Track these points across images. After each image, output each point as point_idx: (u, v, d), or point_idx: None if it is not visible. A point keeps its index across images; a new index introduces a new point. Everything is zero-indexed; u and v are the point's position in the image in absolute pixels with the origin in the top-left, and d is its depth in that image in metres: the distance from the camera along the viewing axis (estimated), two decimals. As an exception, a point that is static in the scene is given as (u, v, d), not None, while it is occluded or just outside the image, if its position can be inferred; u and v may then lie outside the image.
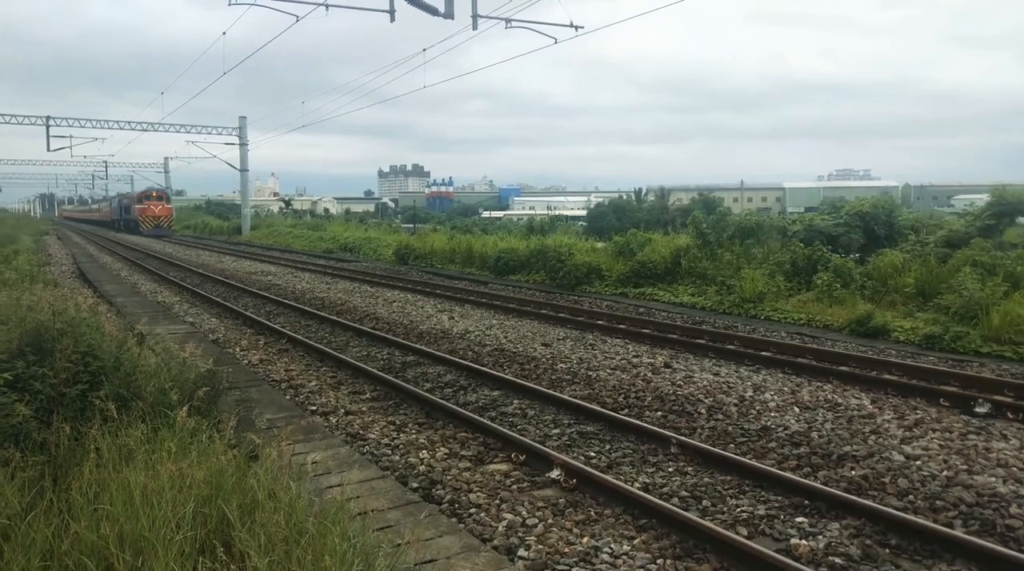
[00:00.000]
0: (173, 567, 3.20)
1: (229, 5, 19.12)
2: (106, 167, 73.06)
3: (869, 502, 5.66)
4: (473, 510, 5.67)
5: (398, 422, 7.96)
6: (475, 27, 18.85)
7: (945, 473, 6.35)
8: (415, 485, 6.12)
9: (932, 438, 7.27)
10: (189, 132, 52.17)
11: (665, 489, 6.10)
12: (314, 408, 8.41)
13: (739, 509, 5.69)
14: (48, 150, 48.48)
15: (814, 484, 6.01)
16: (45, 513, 3.66)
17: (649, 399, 8.77)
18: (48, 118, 47.10)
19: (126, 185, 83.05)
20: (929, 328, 12.12)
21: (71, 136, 49.53)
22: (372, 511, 4.40)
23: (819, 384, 9.42)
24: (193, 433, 4.80)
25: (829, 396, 8.80)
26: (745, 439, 7.38)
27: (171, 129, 51.99)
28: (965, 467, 6.49)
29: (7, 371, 4.71)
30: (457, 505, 5.77)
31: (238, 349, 11.91)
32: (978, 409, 8.10)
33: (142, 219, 58.22)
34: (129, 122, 50.94)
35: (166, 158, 76.94)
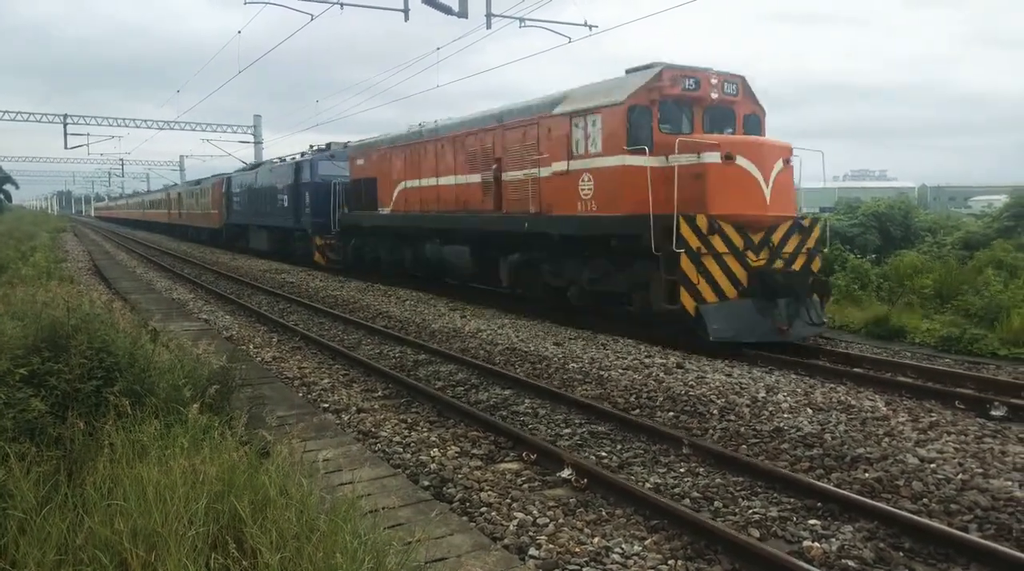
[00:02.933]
0: (186, 563, 3.22)
1: (244, 4, 19.25)
2: (122, 165, 73.65)
3: (883, 505, 5.61)
4: (484, 509, 5.66)
5: (409, 420, 7.97)
6: (489, 26, 18.89)
7: (960, 476, 6.28)
8: (426, 483, 6.12)
9: (947, 441, 7.19)
10: (204, 130, 52.46)
11: (677, 490, 6.07)
12: (326, 406, 8.44)
13: (751, 511, 5.66)
14: (65, 148, 48.90)
15: (827, 486, 5.96)
16: (60, 507, 3.69)
17: (661, 399, 8.74)
18: (65, 116, 47.41)
19: (142, 182, 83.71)
20: (946, 330, 12.01)
21: (88, 134, 49.94)
22: (383, 509, 4.41)
23: (833, 385, 9.35)
24: (205, 430, 4.82)
25: (843, 398, 8.73)
26: (757, 440, 7.33)
27: (187, 127, 52.32)
28: (980, 470, 6.41)
29: (23, 366, 4.76)
30: (468, 504, 5.77)
31: (251, 346, 11.97)
32: (994, 412, 8.01)
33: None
34: (145, 120, 51.31)
35: (181, 156, 77.33)
